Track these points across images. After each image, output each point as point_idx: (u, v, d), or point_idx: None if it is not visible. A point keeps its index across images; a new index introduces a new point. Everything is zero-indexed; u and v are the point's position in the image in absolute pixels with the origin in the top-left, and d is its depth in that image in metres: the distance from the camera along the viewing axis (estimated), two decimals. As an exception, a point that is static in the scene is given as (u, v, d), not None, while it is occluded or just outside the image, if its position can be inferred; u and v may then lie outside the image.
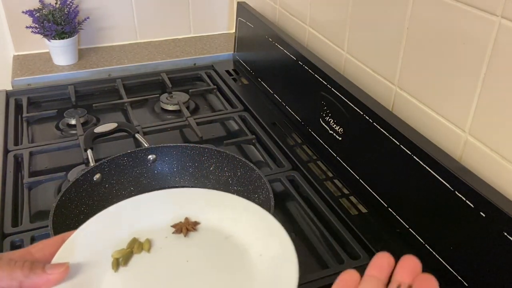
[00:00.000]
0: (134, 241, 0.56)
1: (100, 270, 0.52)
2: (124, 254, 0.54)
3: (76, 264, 0.51)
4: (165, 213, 0.60)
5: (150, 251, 0.56)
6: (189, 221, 0.59)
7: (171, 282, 0.52)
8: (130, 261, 0.54)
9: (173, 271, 0.53)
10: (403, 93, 0.79)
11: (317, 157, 0.94)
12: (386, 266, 0.40)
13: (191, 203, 0.62)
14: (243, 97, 1.15)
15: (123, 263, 0.53)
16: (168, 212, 0.60)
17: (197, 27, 1.50)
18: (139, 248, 0.55)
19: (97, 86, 1.21)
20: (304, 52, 0.99)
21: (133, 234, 0.57)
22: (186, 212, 0.61)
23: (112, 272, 0.52)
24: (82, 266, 0.51)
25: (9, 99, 1.15)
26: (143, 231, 0.58)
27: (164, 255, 0.55)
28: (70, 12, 1.26)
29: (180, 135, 1.05)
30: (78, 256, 0.52)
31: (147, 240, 0.56)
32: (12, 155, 0.92)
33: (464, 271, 0.63)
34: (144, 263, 0.54)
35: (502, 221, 0.57)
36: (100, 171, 0.78)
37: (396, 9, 0.77)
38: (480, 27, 0.62)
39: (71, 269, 0.50)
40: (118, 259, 0.53)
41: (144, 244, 0.56)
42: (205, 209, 0.61)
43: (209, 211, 0.61)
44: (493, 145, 0.63)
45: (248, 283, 0.51)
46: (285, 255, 0.52)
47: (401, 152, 0.71)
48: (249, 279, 0.52)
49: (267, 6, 1.26)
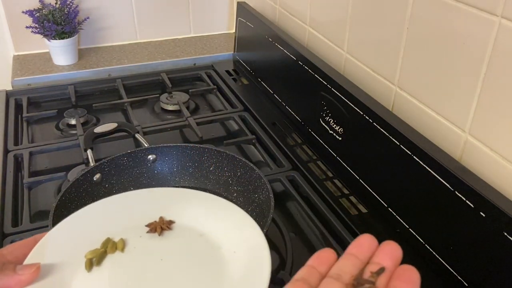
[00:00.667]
0: (108, 241, 0.56)
1: (73, 271, 0.52)
2: (98, 254, 0.54)
3: (48, 265, 0.51)
4: (139, 213, 0.60)
5: (124, 251, 0.55)
6: (163, 220, 0.59)
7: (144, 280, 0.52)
8: (104, 261, 0.54)
9: (147, 270, 0.53)
10: (403, 93, 0.79)
11: (317, 157, 0.94)
12: (367, 247, 0.39)
13: (166, 202, 0.62)
14: (243, 97, 1.15)
15: (97, 263, 0.53)
16: (142, 212, 0.60)
17: (197, 27, 1.50)
18: (112, 248, 0.55)
19: (97, 86, 1.21)
20: (304, 52, 0.99)
21: (107, 234, 0.57)
22: (160, 211, 0.61)
23: (85, 272, 0.52)
24: (54, 267, 0.51)
25: (9, 99, 1.15)
26: (117, 231, 0.58)
27: (138, 254, 0.55)
28: (70, 12, 1.26)
29: (180, 135, 1.05)
30: (50, 257, 0.52)
31: (121, 239, 0.56)
32: (12, 155, 0.92)
33: (464, 271, 0.63)
34: (118, 263, 0.54)
35: (502, 221, 0.57)
36: (100, 171, 0.78)
37: (396, 9, 0.77)
38: (480, 27, 0.62)
39: (43, 269, 0.49)
40: (91, 259, 0.53)
41: (118, 243, 0.56)
42: (180, 208, 0.61)
43: (184, 210, 0.61)
44: (493, 145, 0.63)
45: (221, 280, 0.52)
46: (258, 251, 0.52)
47: (401, 152, 0.71)
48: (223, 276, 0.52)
49: (267, 6, 1.26)
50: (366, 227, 0.76)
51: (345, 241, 0.73)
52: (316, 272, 0.38)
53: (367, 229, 0.75)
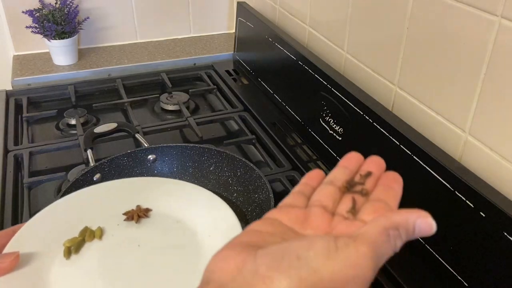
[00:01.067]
0: (85, 230, 0.57)
1: (52, 259, 0.54)
2: (76, 242, 0.55)
3: (28, 254, 0.52)
4: (117, 202, 0.62)
5: (102, 239, 0.57)
6: (140, 208, 0.61)
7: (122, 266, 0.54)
8: (82, 248, 0.56)
9: (125, 256, 0.55)
10: (403, 93, 0.79)
11: (317, 157, 0.94)
12: (355, 161, 0.43)
13: (143, 191, 0.64)
14: (243, 97, 1.15)
15: (75, 251, 0.55)
16: (120, 201, 0.62)
17: (197, 27, 1.50)
18: (90, 236, 0.57)
19: (97, 86, 1.21)
20: (304, 52, 0.99)
21: (85, 223, 0.58)
22: (138, 200, 0.62)
23: (64, 260, 0.54)
24: (33, 255, 0.52)
25: (9, 99, 1.15)
26: (95, 219, 0.59)
27: (116, 241, 0.57)
28: (70, 12, 1.26)
29: (180, 135, 1.05)
30: (29, 246, 0.53)
31: (99, 228, 0.58)
32: (12, 155, 0.92)
33: (464, 271, 0.63)
34: (96, 250, 0.56)
35: (502, 221, 0.57)
36: (100, 171, 0.78)
37: (396, 9, 0.77)
38: (480, 27, 0.62)
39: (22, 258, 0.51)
40: (69, 247, 0.55)
41: (96, 232, 0.58)
42: (157, 197, 0.63)
43: (161, 198, 0.63)
44: (493, 145, 0.63)
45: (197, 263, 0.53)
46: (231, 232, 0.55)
47: (401, 152, 0.71)
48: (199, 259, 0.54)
49: (267, 6, 1.26)
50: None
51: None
52: (310, 186, 0.42)
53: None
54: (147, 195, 0.63)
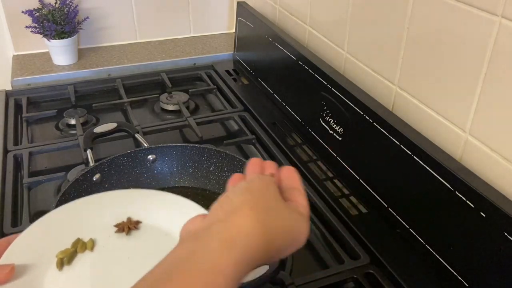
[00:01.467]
0: (78, 241, 0.59)
1: (45, 270, 0.55)
2: (68, 253, 0.57)
3: (22, 265, 0.54)
4: (108, 214, 0.64)
5: (93, 250, 0.59)
6: (131, 220, 0.63)
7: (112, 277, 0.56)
8: (74, 260, 0.57)
9: (115, 268, 0.57)
10: (403, 93, 0.79)
11: (317, 157, 0.94)
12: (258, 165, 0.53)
13: (134, 203, 0.66)
14: (243, 97, 1.15)
15: (67, 262, 0.56)
16: (111, 213, 0.64)
17: (197, 27, 1.50)
18: (82, 248, 0.59)
19: (97, 86, 1.21)
20: (304, 52, 0.99)
21: (77, 235, 0.60)
22: (128, 212, 0.64)
23: (57, 271, 0.55)
24: (27, 267, 0.54)
25: (8, 99, 1.14)
26: (87, 231, 0.61)
27: (107, 253, 0.59)
28: (69, 12, 1.26)
29: (180, 135, 1.05)
30: (23, 257, 0.55)
31: (91, 239, 0.60)
32: (11, 155, 0.92)
33: (464, 271, 0.63)
34: (87, 262, 0.58)
35: (502, 221, 0.57)
36: (100, 171, 0.78)
37: (396, 9, 0.77)
38: (480, 27, 0.62)
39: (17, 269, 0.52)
40: (62, 259, 0.56)
41: (88, 243, 0.59)
42: (147, 209, 0.65)
43: (151, 210, 0.65)
44: (493, 145, 0.63)
45: None
46: None
47: (401, 152, 0.71)
48: None
49: (267, 6, 1.26)
50: (366, 227, 0.76)
51: (345, 241, 0.73)
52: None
53: (367, 229, 0.75)
54: (138, 207, 0.65)
